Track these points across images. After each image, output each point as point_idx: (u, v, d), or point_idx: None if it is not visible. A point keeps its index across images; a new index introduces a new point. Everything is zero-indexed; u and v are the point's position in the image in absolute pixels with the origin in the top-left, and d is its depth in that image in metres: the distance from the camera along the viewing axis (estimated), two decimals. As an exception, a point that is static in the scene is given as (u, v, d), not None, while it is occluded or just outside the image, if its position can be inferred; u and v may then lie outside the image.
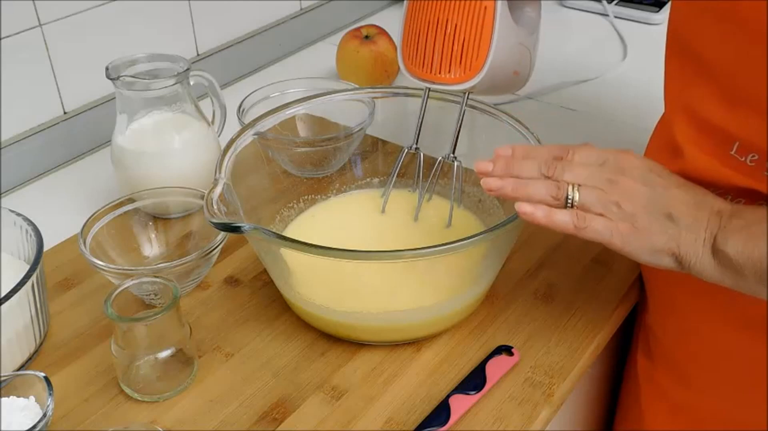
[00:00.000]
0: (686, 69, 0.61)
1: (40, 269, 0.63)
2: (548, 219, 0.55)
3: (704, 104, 0.59)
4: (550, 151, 0.59)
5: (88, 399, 0.62)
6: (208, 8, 1.05)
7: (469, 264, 0.65)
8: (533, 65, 0.72)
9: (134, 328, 0.59)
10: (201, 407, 0.61)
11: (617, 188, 0.55)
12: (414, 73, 0.67)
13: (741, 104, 0.56)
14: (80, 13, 0.89)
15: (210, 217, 0.58)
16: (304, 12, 1.21)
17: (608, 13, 1.29)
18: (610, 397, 0.89)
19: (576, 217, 0.55)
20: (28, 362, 0.65)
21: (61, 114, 0.92)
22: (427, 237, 0.74)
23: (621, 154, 0.57)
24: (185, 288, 0.71)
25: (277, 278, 0.68)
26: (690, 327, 0.69)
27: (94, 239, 0.70)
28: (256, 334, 0.68)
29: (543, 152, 0.59)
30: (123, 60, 0.76)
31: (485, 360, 0.64)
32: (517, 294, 0.71)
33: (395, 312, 0.64)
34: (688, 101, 0.61)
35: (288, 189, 0.78)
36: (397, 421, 0.60)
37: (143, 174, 0.78)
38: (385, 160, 0.81)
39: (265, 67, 1.16)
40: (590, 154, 0.58)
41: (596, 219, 0.55)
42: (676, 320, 0.70)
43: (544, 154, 0.58)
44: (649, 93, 0.65)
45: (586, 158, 0.57)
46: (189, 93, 0.79)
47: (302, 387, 0.63)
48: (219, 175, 0.64)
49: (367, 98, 0.80)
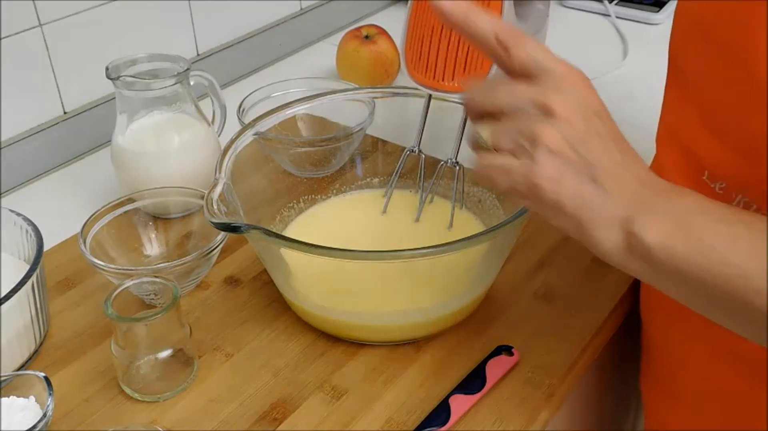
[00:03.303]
0: (673, 88, 0.61)
1: (40, 269, 0.63)
2: None
3: (684, 126, 0.59)
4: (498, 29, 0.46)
5: (88, 399, 0.62)
6: (208, 8, 1.05)
7: (469, 265, 0.65)
8: None
9: (134, 328, 0.59)
10: (201, 407, 0.61)
11: (542, 117, 0.44)
12: (417, 79, 0.67)
13: (715, 131, 0.55)
14: (80, 13, 0.89)
15: (210, 217, 0.58)
16: (304, 12, 1.21)
17: (609, 13, 1.29)
18: (610, 397, 0.89)
19: (485, 160, 0.45)
20: (28, 362, 0.65)
21: (61, 114, 0.92)
22: (427, 238, 0.74)
23: (569, 73, 0.45)
24: (185, 288, 0.71)
25: (277, 278, 0.68)
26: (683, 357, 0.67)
27: (94, 239, 0.70)
28: (256, 334, 0.68)
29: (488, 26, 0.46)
30: (123, 60, 0.76)
31: (485, 360, 0.64)
32: (517, 294, 0.71)
33: (395, 312, 0.64)
34: (672, 120, 0.61)
35: (288, 189, 0.78)
36: (397, 421, 0.60)
37: (143, 174, 0.78)
38: (385, 160, 0.81)
39: (265, 67, 1.16)
40: (533, 62, 0.45)
41: (500, 165, 0.45)
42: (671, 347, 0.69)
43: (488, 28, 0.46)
44: (649, 93, 0.65)
45: (525, 66, 0.45)
46: (189, 93, 0.79)
47: (302, 387, 0.63)
48: (219, 175, 0.64)
49: (367, 98, 0.80)
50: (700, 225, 0.43)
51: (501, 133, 0.45)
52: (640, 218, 0.44)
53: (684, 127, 0.59)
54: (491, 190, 0.75)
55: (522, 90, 0.44)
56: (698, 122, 0.57)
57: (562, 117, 0.43)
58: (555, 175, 0.43)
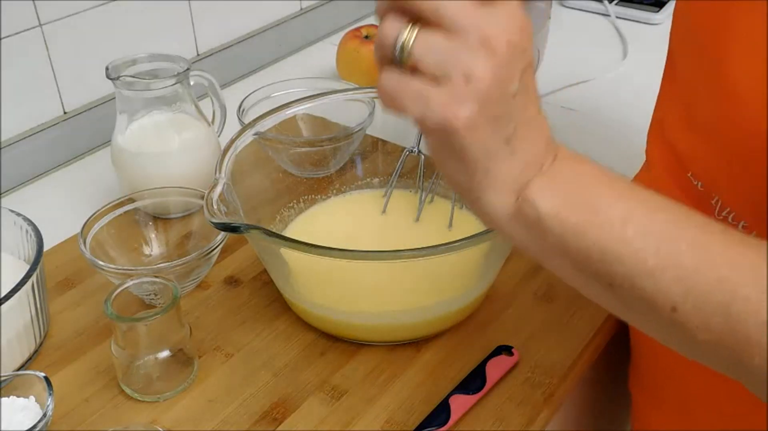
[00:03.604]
0: (666, 84, 0.61)
1: (40, 269, 0.63)
2: None
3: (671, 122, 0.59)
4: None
5: (88, 399, 0.62)
6: (208, 8, 1.05)
7: (469, 265, 0.65)
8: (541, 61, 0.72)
9: (134, 328, 0.59)
10: (201, 407, 0.61)
11: (484, 54, 0.37)
12: None
13: (696, 130, 0.55)
14: (80, 13, 0.89)
15: (210, 217, 0.58)
16: (304, 12, 1.21)
17: (609, 13, 1.29)
18: (610, 397, 0.89)
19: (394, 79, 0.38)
20: (28, 362, 0.65)
21: (61, 114, 0.92)
22: (428, 237, 0.74)
23: (524, 20, 0.39)
24: (185, 288, 0.71)
25: (277, 278, 0.68)
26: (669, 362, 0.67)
27: (94, 239, 0.70)
28: (256, 334, 0.68)
29: None
30: (123, 60, 0.76)
31: (485, 360, 0.64)
32: (517, 294, 0.71)
33: (395, 312, 0.64)
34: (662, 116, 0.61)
35: (288, 189, 0.78)
36: (397, 421, 0.60)
37: (143, 174, 0.78)
38: (385, 160, 0.81)
39: (265, 67, 1.16)
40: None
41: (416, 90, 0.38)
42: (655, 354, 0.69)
43: None
44: (649, 93, 0.65)
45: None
46: (189, 93, 0.79)
47: (302, 387, 0.63)
48: (219, 175, 0.64)
49: (367, 98, 0.80)
50: (596, 197, 0.40)
51: (430, 51, 0.37)
52: (537, 181, 0.40)
53: (671, 124, 0.60)
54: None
55: (474, 13, 0.37)
56: (683, 120, 0.57)
57: (502, 59, 0.37)
58: (474, 117, 0.38)
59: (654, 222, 0.40)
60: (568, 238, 0.40)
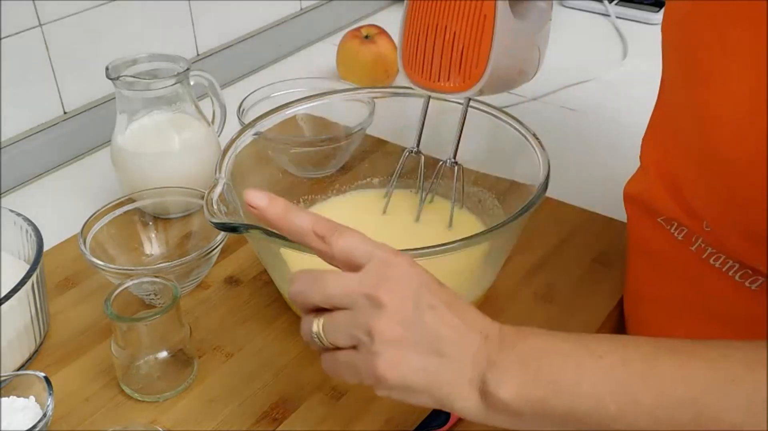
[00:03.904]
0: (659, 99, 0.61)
1: (40, 269, 0.63)
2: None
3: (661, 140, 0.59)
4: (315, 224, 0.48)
5: (88, 399, 0.62)
6: (208, 8, 1.05)
7: (469, 265, 0.65)
8: (542, 59, 0.71)
9: (134, 328, 0.59)
10: (201, 407, 0.61)
11: (373, 310, 0.44)
12: (413, 79, 0.67)
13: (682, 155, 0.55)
14: (80, 13, 0.89)
15: (210, 217, 0.58)
16: (304, 12, 1.21)
17: (609, 13, 1.29)
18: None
19: (328, 360, 0.47)
20: (28, 362, 0.65)
21: (61, 114, 0.92)
22: (427, 238, 0.73)
23: (389, 258, 0.46)
24: (185, 288, 0.71)
25: (277, 278, 0.68)
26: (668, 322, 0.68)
27: (94, 239, 0.70)
28: (256, 334, 0.68)
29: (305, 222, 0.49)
30: (123, 60, 0.76)
31: (485, 361, 0.64)
32: (517, 294, 0.71)
33: (395, 312, 0.64)
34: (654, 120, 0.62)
35: (288, 189, 0.78)
36: (397, 421, 0.60)
37: (143, 174, 0.78)
38: (385, 160, 0.81)
39: (265, 67, 1.16)
40: (352, 252, 0.47)
41: (344, 362, 0.46)
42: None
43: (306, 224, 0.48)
44: (649, 93, 0.65)
45: (346, 256, 0.47)
46: (189, 93, 0.79)
47: (302, 387, 0.63)
48: (219, 175, 0.64)
49: (367, 98, 0.80)
50: (547, 366, 0.45)
51: (336, 330, 0.46)
52: (491, 375, 0.45)
53: (661, 142, 0.60)
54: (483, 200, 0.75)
55: (349, 283, 0.45)
56: (670, 139, 0.57)
57: (391, 305, 0.44)
58: (396, 361, 0.44)
59: (601, 369, 0.44)
60: (541, 412, 0.44)
